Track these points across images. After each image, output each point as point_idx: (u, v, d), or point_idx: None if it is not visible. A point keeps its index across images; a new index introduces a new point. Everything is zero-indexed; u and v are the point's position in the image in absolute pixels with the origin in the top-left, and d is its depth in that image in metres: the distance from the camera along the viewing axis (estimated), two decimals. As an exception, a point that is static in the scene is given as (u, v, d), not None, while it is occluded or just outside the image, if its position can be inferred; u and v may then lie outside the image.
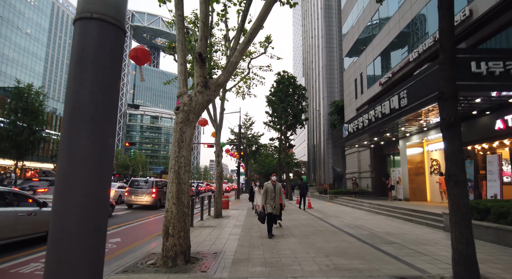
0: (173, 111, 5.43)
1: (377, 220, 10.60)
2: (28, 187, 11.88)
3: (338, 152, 33.96)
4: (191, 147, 5.28)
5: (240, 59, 5.58)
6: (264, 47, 12.62)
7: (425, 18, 14.64)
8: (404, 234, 7.57)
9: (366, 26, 22.60)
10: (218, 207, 11.64)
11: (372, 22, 21.43)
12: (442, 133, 4.29)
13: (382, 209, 12.89)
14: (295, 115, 24.37)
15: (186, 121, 5.21)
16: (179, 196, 4.94)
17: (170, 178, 5.04)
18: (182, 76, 5.68)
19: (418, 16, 15.28)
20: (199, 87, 5.40)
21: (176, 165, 5.03)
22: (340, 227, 8.82)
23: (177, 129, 5.18)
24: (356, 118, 16.70)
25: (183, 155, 5.09)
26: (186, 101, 5.33)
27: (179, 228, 4.84)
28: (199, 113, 5.38)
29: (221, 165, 11.98)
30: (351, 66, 25.99)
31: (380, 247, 6.07)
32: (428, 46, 13.92)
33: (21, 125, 32.34)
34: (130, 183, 15.72)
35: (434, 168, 15.46)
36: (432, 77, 9.33)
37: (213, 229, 8.60)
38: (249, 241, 6.79)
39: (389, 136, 16.33)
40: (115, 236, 7.87)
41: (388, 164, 21.04)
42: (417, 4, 15.27)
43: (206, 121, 11.54)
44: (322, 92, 36.93)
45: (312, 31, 44.20)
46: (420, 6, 15.03)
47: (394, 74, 17.37)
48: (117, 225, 9.70)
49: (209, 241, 6.80)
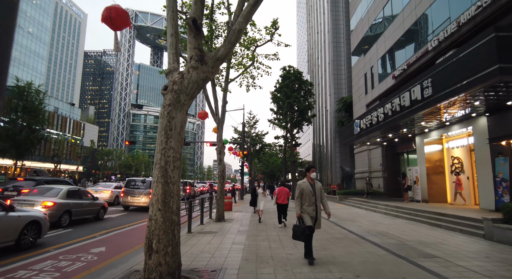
0: (160, 92, 4.30)
1: (400, 225, 9.38)
2: (12, 187, 10.87)
3: (345, 151, 32.66)
4: (182, 137, 4.14)
5: (244, 26, 4.42)
6: (270, 34, 11.48)
7: (447, 2, 13.35)
8: (441, 244, 6.36)
9: (377, 17, 21.33)
10: (220, 209, 10.51)
11: (384, 12, 20.16)
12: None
13: (401, 212, 11.65)
14: (302, 112, 23.16)
15: (176, 103, 4.07)
16: (166, 200, 3.80)
17: (154, 176, 3.91)
18: (173, 50, 4.55)
19: (438, 1, 14.00)
20: (193, 62, 4.26)
21: (162, 160, 3.89)
22: (360, 234, 7.62)
23: (165, 113, 4.05)
24: (370, 113, 15.47)
25: (171, 147, 3.95)
26: (176, 79, 4.19)
27: (165, 241, 3.70)
28: (192, 94, 4.24)
29: (223, 163, 10.85)
30: (360, 61, 24.71)
31: (419, 262, 4.88)
32: (450, 32, 12.64)
33: (20, 123, 31.58)
34: (126, 183, 14.67)
35: (456, 166, 14.15)
36: (466, 61, 8.10)
37: (214, 236, 7.46)
38: (256, 253, 5.63)
39: (405, 132, 15.05)
40: (100, 245, 6.76)
41: (402, 163, 19.74)
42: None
43: (206, 113, 10.41)
44: (329, 89, 35.65)
45: (318, 26, 42.92)
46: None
47: (410, 66, 16.09)
48: (106, 231, 8.61)
49: (208, 253, 5.65)
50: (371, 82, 22.19)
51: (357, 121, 17.40)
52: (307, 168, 5.36)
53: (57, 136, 49.41)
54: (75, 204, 9.15)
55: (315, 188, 5.18)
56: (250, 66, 11.36)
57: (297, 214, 5.13)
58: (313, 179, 5.28)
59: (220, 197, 10.63)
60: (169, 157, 3.92)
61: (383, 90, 19.76)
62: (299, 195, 5.18)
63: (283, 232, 8.04)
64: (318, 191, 5.21)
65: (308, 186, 5.17)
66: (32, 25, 64.87)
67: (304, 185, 5.20)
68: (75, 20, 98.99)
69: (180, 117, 4.10)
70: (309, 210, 5.05)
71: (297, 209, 5.15)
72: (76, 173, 54.54)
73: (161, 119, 4.09)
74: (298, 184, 5.28)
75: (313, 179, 5.29)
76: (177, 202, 3.92)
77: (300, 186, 5.22)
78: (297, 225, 5.10)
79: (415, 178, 15.24)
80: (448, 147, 14.84)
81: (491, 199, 10.09)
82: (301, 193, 5.16)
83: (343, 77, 34.47)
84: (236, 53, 10.94)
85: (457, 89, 8.49)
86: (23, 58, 61.51)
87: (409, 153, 18.89)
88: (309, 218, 5.03)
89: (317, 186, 5.24)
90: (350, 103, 28.20)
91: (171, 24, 4.60)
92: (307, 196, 5.10)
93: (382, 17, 20.42)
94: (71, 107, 73.85)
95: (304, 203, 5.10)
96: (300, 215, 5.09)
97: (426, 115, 11.67)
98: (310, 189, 5.13)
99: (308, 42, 53.39)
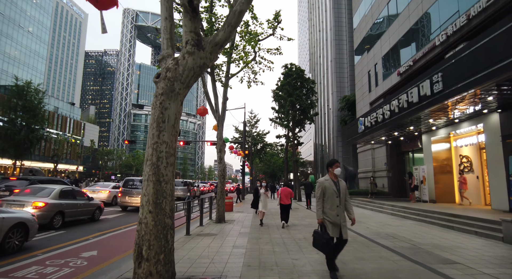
0: (153, 80, 3.87)
1: (409, 227, 8.92)
2: (4, 187, 10.46)
3: (348, 150, 32.17)
4: (176, 131, 3.70)
5: (246, 7, 3.98)
6: (273, 28, 11.03)
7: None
8: (458, 248, 5.89)
9: (380, 13, 20.86)
10: (220, 210, 10.07)
11: (389, 7, 19.67)
12: None
13: (410, 213, 11.18)
14: (304, 110, 22.69)
15: (169, 92, 3.64)
16: (157, 201, 3.36)
17: (145, 174, 3.47)
18: (167, 35, 4.11)
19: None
20: (189, 47, 3.82)
21: (154, 156, 3.45)
22: (370, 237, 7.16)
23: (157, 104, 3.61)
24: (375, 111, 15.00)
25: (164, 141, 3.52)
26: (170, 66, 3.75)
27: (157, 248, 3.26)
28: (188, 82, 3.80)
29: (224, 162, 10.41)
30: (363, 58, 24.22)
31: (439, 269, 4.42)
32: (459, 25, 12.17)
33: (19, 123, 31.25)
34: (124, 183, 14.25)
35: (465, 165, 13.67)
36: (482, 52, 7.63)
37: (213, 239, 7.02)
38: (259, 258, 5.19)
39: (412, 129, 14.58)
40: (92, 248, 6.34)
41: (407, 162, 19.26)
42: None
43: (205, 109, 9.95)
44: (331, 87, 35.17)
45: (320, 24, 42.44)
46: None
47: (416, 62, 15.62)
48: (101, 232, 8.19)
49: (207, 258, 5.21)
50: (375, 79, 21.71)
51: (362, 119, 16.93)
52: (330, 163, 4.35)
53: (57, 135, 49.05)
54: (68, 205, 8.73)
55: (339, 188, 4.19)
56: (251, 61, 10.91)
57: (319, 220, 4.17)
58: (337, 176, 4.27)
59: (221, 197, 10.18)
60: (161, 152, 3.48)
61: (387, 88, 19.29)
62: (321, 195, 4.19)
63: (287, 235, 7.60)
64: (343, 191, 4.21)
65: (332, 184, 4.19)
66: (32, 24, 64.60)
67: (327, 183, 4.20)
68: (75, 20, 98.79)
69: (174, 108, 3.66)
70: (331, 215, 4.08)
71: (319, 214, 4.17)
72: (76, 173, 54.20)
73: (153, 110, 3.66)
74: (318, 182, 4.30)
75: (337, 176, 4.28)
76: (170, 203, 3.48)
77: (322, 184, 4.22)
78: (318, 232, 4.14)
79: (422, 178, 14.76)
80: (456, 146, 14.35)
81: (504, 199, 9.62)
82: (323, 193, 4.18)
83: (345, 75, 33.98)
84: (237, 47, 10.49)
85: (471, 83, 8.02)
86: (23, 57, 61.23)
87: (415, 152, 18.41)
88: (331, 226, 4.06)
89: (341, 185, 4.25)
90: (353, 102, 27.72)
91: (165, 6, 4.16)
92: (330, 198, 4.13)
93: (387, 13, 19.94)
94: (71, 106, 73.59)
95: (326, 206, 4.16)
96: (322, 222, 4.15)
97: (435, 112, 11.20)
98: (333, 188, 4.16)
99: (309, 41, 52.91)
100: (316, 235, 4.15)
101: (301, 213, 13.56)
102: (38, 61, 66.24)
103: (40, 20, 67.64)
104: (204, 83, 10.92)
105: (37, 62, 65.85)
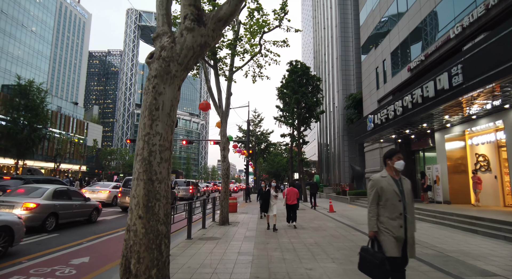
0: (145, 61, 3.30)
1: (428, 230, 8.28)
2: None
3: (354, 150, 31.44)
4: (173, 120, 3.11)
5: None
6: (279, 19, 10.43)
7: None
8: (491, 256, 5.25)
9: (389, 7, 20.15)
10: (224, 211, 9.50)
11: (398, 1, 18.97)
12: None
13: (425, 215, 10.51)
14: (309, 108, 22.07)
15: (164, 75, 3.06)
16: (149, 204, 2.78)
17: (135, 172, 2.89)
18: (162, 10, 3.54)
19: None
20: (187, 22, 3.24)
21: (145, 150, 2.87)
22: (387, 242, 6.52)
23: (149, 88, 3.03)
24: (385, 107, 14.34)
25: (158, 132, 2.93)
26: (165, 44, 3.17)
27: (148, 261, 2.68)
28: (187, 63, 3.22)
29: (228, 161, 9.83)
30: (371, 54, 23.50)
31: (479, 284, 3.79)
32: (477, 16, 11.47)
33: (22, 122, 31.01)
34: (124, 183, 13.76)
35: (481, 164, 12.96)
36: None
37: (217, 244, 6.44)
38: (268, 268, 4.59)
39: (425, 127, 13.89)
40: (84, 254, 5.79)
41: (417, 161, 18.55)
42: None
43: (208, 104, 9.36)
44: (337, 85, 34.46)
45: (325, 21, 41.71)
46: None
47: (428, 56, 14.91)
48: (96, 236, 7.65)
49: (209, 267, 4.63)
50: (383, 76, 21.00)
51: (371, 117, 16.26)
52: (389, 154, 3.11)
53: (60, 135, 48.86)
54: (62, 206, 8.20)
55: (403, 188, 2.96)
56: (257, 53, 10.32)
57: (370, 233, 2.97)
58: (398, 173, 3.05)
59: (224, 197, 9.62)
60: (154, 145, 2.90)
61: (397, 84, 18.58)
62: (375, 199, 2.98)
63: (296, 239, 7.00)
64: (407, 193, 2.98)
65: (392, 184, 2.94)
66: (35, 24, 64.60)
67: (384, 182, 2.96)
68: (79, 20, 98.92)
69: (170, 93, 3.08)
70: (392, 225, 2.85)
71: (371, 224, 2.95)
72: (79, 173, 54.01)
73: (145, 96, 3.08)
74: (373, 180, 3.05)
75: (399, 173, 3.06)
76: (165, 207, 2.89)
77: (377, 183, 2.99)
78: (368, 250, 2.95)
79: (435, 178, 14.06)
80: (471, 144, 13.64)
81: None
82: (379, 196, 2.96)
83: (351, 73, 33.24)
84: (241, 38, 9.91)
85: (497, 74, 7.35)
86: (26, 57, 61.22)
87: (426, 151, 17.70)
88: (393, 241, 2.82)
89: (405, 185, 3.01)
90: (359, 100, 27.00)
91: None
92: (389, 202, 2.90)
93: (396, 7, 19.24)
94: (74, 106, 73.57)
95: (384, 214, 2.92)
96: (375, 235, 2.94)
97: (452, 107, 10.52)
98: (394, 189, 2.91)
99: (313, 39, 52.17)
100: (364, 254, 2.95)
101: (308, 214, 12.94)
102: (42, 60, 66.25)
103: (44, 19, 67.65)
104: (207, 78, 10.36)
105: (41, 61, 65.86)
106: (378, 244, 2.92)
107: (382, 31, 21.39)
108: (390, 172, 3.04)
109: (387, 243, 2.85)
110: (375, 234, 2.94)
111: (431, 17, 15.11)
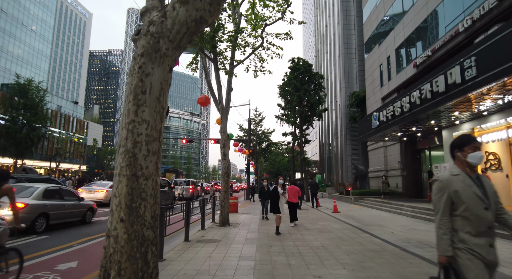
0: (130, 38, 2.85)
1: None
2: (-13, 186, 9.56)
3: (357, 149, 30.97)
4: (162, 107, 2.66)
5: None
6: (282, 11, 9.98)
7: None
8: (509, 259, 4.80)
9: (394, 2, 19.66)
10: (224, 212, 9.06)
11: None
12: None
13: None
14: (312, 106, 21.60)
15: (152, 53, 2.61)
16: (133, 204, 2.33)
17: (117, 166, 2.44)
18: (152, -17, 3.08)
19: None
20: (180, -6, 2.79)
21: (129, 140, 2.42)
22: (400, 245, 6.07)
23: (135, 68, 2.58)
24: (391, 104, 13.87)
25: (144, 120, 2.48)
26: (155, 18, 2.72)
27: (130, 273, 2.24)
28: (179, 41, 2.76)
29: (228, 159, 9.39)
30: (374, 51, 23.02)
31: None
32: (488, 8, 10.99)
33: (21, 121, 30.69)
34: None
35: (492, 163, 12.47)
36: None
37: (216, 247, 6.00)
38: (272, 275, 4.14)
39: (432, 124, 13.42)
40: (72, 258, 5.35)
41: (423, 160, 18.08)
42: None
43: (207, 99, 8.92)
44: (339, 84, 33.98)
45: (327, 19, 41.23)
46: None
47: (435, 52, 14.44)
48: (89, 237, 7.22)
49: (207, 274, 4.18)
50: (388, 73, 20.53)
51: (376, 114, 15.78)
52: (461, 142, 2.22)
53: (59, 134, 48.53)
54: (54, 206, 7.77)
55: (485, 189, 2.09)
56: (259, 47, 9.86)
57: (442, 259, 2.07)
58: (474, 169, 2.17)
59: (225, 197, 9.17)
60: (140, 135, 2.44)
61: (402, 81, 18.11)
62: (446, 207, 2.10)
63: (301, 242, 6.54)
64: (492, 196, 2.08)
65: (470, 183, 2.08)
66: (35, 23, 64.31)
67: (458, 182, 2.10)
68: (80, 20, 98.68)
69: (159, 75, 2.63)
70: (478, 245, 1.98)
71: (443, 246, 2.05)
72: (79, 172, 53.65)
73: (130, 78, 2.63)
74: (441, 180, 2.16)
75: (475, 169, 2.19)
76: (152, 208, 2.44)
77: (448, 184, 2.12)
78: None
79: (443, 177, 13.58)
80: (481, 142, 13.13)
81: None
82: (451, 203, 2.10)
83: (354, 71, 32.75)
84: (242, 30, 9.46)
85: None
86: (26, 56, 60.93)
87: (432, 150, 17.24)
88: (482, 268, 1.94)
89: (487, 184, 2.13)
90: (363, 98, 26.54)
91: None
92: (471, 210, 2.02)
93: (401, 2, 18.75)
94: (74, 105, 73.21)
95: (463, 228, 2.04)
96: (450, 261, 2.05)
97: (463, 103, 10.06)
98: (476, 192, 2.05)
99: (315, 37, 51.70)
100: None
101: (311, 214, 12.49)
102: (42, 60, 65.95)
103: (44, 19, 67.35)
104: (206, 72, 9.92)
105: (41, 61, 65.57)
106: (455, 274, 2.00)
107: (386, 27, 20.92)
108: (463, 168, 2.15)
109: (473, 271, 1.92)
110: (450, 259, 2.03)
111: (438, 12, 14.63)
